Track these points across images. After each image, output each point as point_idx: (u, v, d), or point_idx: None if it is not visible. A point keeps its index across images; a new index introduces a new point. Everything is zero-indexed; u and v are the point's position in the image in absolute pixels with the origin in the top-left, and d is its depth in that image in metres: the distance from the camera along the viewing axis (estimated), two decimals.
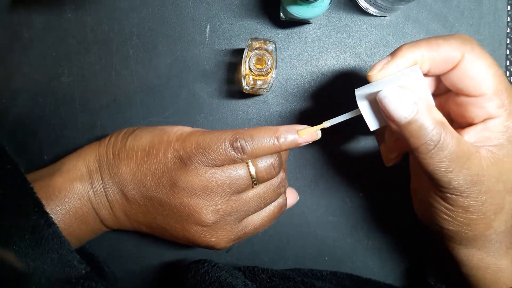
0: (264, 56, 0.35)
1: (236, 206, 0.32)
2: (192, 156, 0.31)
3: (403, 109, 0.26)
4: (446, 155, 0.26)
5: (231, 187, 0.31)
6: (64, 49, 0.40)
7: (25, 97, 0.41)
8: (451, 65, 0.27)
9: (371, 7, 0.39)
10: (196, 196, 0.31)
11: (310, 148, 0.42)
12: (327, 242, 0.43)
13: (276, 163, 0.32)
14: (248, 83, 0.36)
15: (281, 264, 0.43)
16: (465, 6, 0.41)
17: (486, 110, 0.27)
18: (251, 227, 0.34)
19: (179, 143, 0.32)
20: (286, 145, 0.31)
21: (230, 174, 0.31)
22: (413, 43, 0.28)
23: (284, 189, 0.34)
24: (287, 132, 0.31)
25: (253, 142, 0.31)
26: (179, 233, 0.33)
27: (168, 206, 0.32)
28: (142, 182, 0.32)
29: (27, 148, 0.41)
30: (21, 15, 0.40)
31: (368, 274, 0.43)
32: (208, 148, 0.31)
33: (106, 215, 0.34)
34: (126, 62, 0.41)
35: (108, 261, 0.41)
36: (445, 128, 0.26)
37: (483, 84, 0.27)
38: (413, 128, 0.26)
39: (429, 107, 0.26)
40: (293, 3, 0.34)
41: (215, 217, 0.31)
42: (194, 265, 0.36)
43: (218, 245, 0.33)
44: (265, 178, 0.32)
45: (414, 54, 0.27)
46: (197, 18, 0.40)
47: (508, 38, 0.41)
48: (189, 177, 0.31)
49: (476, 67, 0.27)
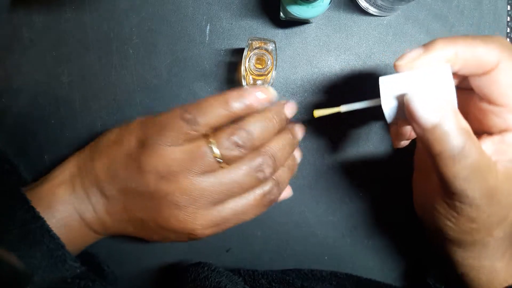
0: (264, 56, 0.36)
1: (206, 188, 0.30)
2: (151, 138, 0.30)
3: (430, 114, 0.25)
4: (468, 164, 0.25)
5: (194, 166, 0.30)
6: (64, 49, 0.40)
7: (25, 97, 0.41)
8: (484, 70, 0.26)
9: (371, 7, 0.39)
10: (162, 179, 0.30)
11: (311, 148, 0.42)
12: (327, 242, 0.43)
13: (242, 141, 0.30)
14: (248, 82, 0.36)
15: (281, 264, 0.43)
16: (465, 6, 0.41)
17: (506, 121, 0.26)
18: (229, 212, 0.32)
19: (140, 128, 0.32)
20: (238, 109, 0.30)
21: (191, 151, 0.30)
22: (449, 39, 0.26)
23: (264, 174, 0.31)
24: (240, 96, 0.30)
25: (203, 109, 0.29)
26: (157, 223, 0.32)
27: (141, 195, 0.31)
28: (114, 175, 0.32)
29: (27, 148, 0.41)
30: (21, 15, 0.40)
31: (368, 274, 0.43)
32: (162, 126, 0.30)
33: (90, 218, 0.33)
34: (126, 62, 0.41)
35: (108, 261, 0.41)
36: (470, 136, 0.25)
37: (510, 95, 0.26)
38: (437, 133, 0.25)
39: (455, 113, 0.25)
40: (293, 3, 0.34)
41: (184, 200, 0.30)
42: (194, 269, 0.36)
43: (195, 231, 0.31)
44: (231, 157, 0.30)
45: (449, 50, 0.26)
46: (197, 18, 0.40)
47: (508, 38, 0.41)
48: (152, 159, 0.30)
49: (508, 77, 0.26)
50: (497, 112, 0.27)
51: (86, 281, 0.30)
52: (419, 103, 0.25)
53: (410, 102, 0.26)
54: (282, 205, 0.42)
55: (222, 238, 0.43)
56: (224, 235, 0.43)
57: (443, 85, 0.26)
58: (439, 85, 0.26)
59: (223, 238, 0.43)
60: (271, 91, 0.31)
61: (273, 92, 0.31)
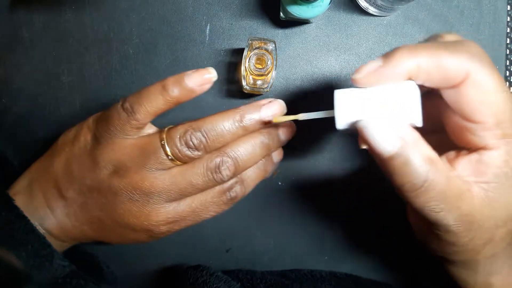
0: (264, 56, 0.36)
1: (159, 185, 0.29)
2: (101, 132, 0.30)
3: (386, 142, 0.22)
4: (434, 195, 0.23)
5: (146, 162, 0.29)
6: (64, 49, 0.40)
7: (25, 97, 0.41)
8: (452, 84, 0.23)
9: (371, 7, 0.39)
10: (115, 174, 0.30)
11: (311, 147, 0.42)
12: (327, 242, 0.43)
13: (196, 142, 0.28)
14: (248, 82, 0.36)
15: (281, 264, 0.43)
16: (465, 6, 0.41)
17: (483, 139, 0.23)
18: (186, 209, 0.31)
19: (94, 124, 0.31)
20: (177, 94, 0.29)
21: (143, 147, 0.29)
22: (411, 49, 0.23)
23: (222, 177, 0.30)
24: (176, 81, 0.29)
25: (141, 98, 0.29)
26: (113, 221, 0.31)
27: (96, 191, 0.31)
28: (71, 174, 0.31)
29: (27, 148, 0.41)
30: (21, 15, 0.40)
31: (368, 274, 0.43)
32: (108, 119, 0.29)
33: (50, 224, 0.32)
34: (126, 62, 0.41)
35: (108, 262, 0.41)
36: (434, 165, 0.23)
37: (484, 112, 0.23)
38: (396, 164, 0.23)
39: (416, 141, 0.23)
40: (293, 3, 0.34)
41: (137, 195, 0.29)
42: (193, 272, 0.36)
43: (150, 226, 0.30)
44: (183, 157, 0.29)
45: (410, 62, 0.23)
46: (197, 18, 0.40)
47: (508, 38, 0.41)
48: (104, 154, 0.30)
49: (480, 92, 0.23)
50: (472, 129, 0.24)
51: (78, 280, 0.29)
52: (372, 130, 0.23)
53: (362, 129, 0.23)
54: (282, 205, 0.43)
55: (222, 238, 0.43)
56: (224, 235, 0.43)
57: (405, 102, 0.23)
58: (400, 103, 0.23)
59: (223, 238, 0.43)
60: (210, 71, 0.29)
61: (214, 74, 0.29)
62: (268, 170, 0.34)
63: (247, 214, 0.42)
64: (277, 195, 0.42)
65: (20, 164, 0.41)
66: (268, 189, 0.42)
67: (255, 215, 0.42)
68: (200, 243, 0.43)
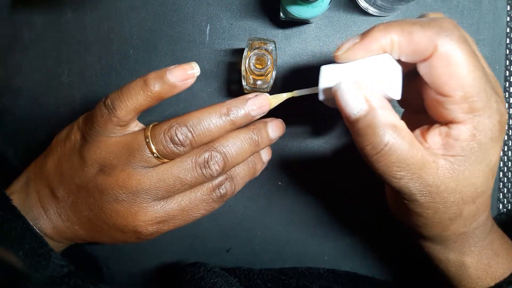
0: (264, 56, 0.36)
1: (145, 183, 0.29)
2: (88, 130, 0.30)
3: (353, 105, 0.24)
4: (394, 160, 0.23)
5: (132, 159, 0.29)
6: (64, 49, 0.40)
7: (25, 97, 0.41)
8: (422, 57, 0.24)
9: (371, 7, 0.39)
10: (101, 172, 0.29)
11: (311, 147, 0.42)
12: (327, 241, 0.43)
13: (181, 137, 0.28)
14: (248, 83, 0.36)
15: (281, 264, 0.43)
16: (465, 6, 0.41)
17: (451, 113, 0.24)
18: (175, 208, 0.30)
19: (83, 123, 0.31)
20: (158, 89, 0.28)
21: (128, 145, 0.29)
22: (386, 26, 0.25)
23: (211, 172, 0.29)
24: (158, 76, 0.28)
25: (122, 94, 0.28)
26: (101, 220, 0.30)
27: (85, 190, 0.30)
28: (62, 172, 0.31)
29: (27, 148, 0.41)
30: (21, 15, 0.40)
31: (368, 273, 0.43)
32: (93, 116, 0.29)
33: (44, 224, 0.31)
34: (126, 62, 0.41)
35: (108, 261, 0.41)
36: (397, 131, 0.23)
37: (452, 85, 0.23)
38: (360, 126, 0.24)
39: (382, 106, 0.24)
40: (293, 3, 0.34)
41: (123, 194, 0.29)
42: (191, 269, 0.36)
43: (138, 227, 0.30)
44: (168, 153, 0.29)
45: (385, 39, 0.24)
46: (197, 18, 0.40)
47: (508, 38, 0.41)
48: (90, 152, 0.29)
49: (447, 64, 0.23)
50: (442, 102, 0.24)
51: (76, 280, 0.29)
52: (342, 92, 0.24)
53: (335, 92, 0.25)
54: (283, 205, 0.43)
55: (222, 238, 0.43)
56: (224, 235, 0.43)
57: (384, 74, 0.25)
58: (380, 75, 0.25)
59: (223, 238, 0.43)
60: (193, 66, 0.29)
61: (196, 69, 0.29)
62: (257, 169, 0.34)
63: (247, 214, 0.42)
64: (277, 195, 0.42)
65: (20, 164, 0.41)
66: (268, 189, 0.42)
67: (255, 215, 0.42)
68: (200, 243, 0.43)
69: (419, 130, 0.26)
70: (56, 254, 0.30)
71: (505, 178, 0.43)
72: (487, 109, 0.24)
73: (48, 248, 0.29)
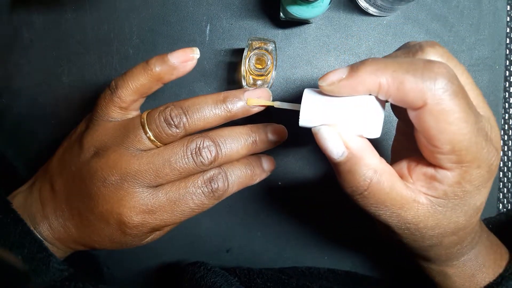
0: (264, 56, 0.36)
1: (135, 166, 0.28)
2: (91, 118, 0.31)
3: (334, 150, 0.24)
4: (374, 202, 0.24)
5: (125, 141, 0.29)
6: (64, 49, 0.40)
7: (25, 97, 0.41)
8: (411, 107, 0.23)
9: (371, 7, 0.39)
10: (95, 154, 0.29)
11: (311, 147, 0.42)
12: (327, 241, 0.43)
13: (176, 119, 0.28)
14: (248, 83, 0.37)
15: (281, 264, 0.43)
16: (465, 6, 0.41)
17: (440, 161, 0.23)
18: (163, 198, 0.29)
19: (89, 113, 0.32)
20: (159, 71, 0.29)
21: (125, 126, 0.30)
22: (376, 68, 0.23)
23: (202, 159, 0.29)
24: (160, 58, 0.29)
25: (125, 75, 0.30)
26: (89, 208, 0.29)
27: (78, 178, 0.30)
28: (63, 162, 0.32)
29: (27, 148, 0.41)
30: (21, 15, 0.40)
31: (368, 273, 0.43)
32: (98, 102, 0.31)
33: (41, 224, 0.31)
34: (126, 62, 0.41)
35: (108, 261, 0.41)
36: (377, 175, 0.24)
37: (441, 138, 0.22)
38: (342, 169, 0.25)
39: (362, 151, 0.24)
40: (293, 3, 0.34)
41: (111, 175, 0.28)
42: (191, 268, 0.36)
43: (123, 214, 0.28)
44: (163, 136, 0.28)
45: (372, 81, 0.23)
46: (197, 18, 0.40)
47: (508, 38, 0.41)
48: (89, 136, 0.30)
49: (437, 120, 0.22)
50: (430, 148, 0.23)
51: (76, 283, 0.29)
52: (325, 136, 0.24)
53: (316, 134, 0.25)
54: (283, 204, 0.43)
55: (222, 238, 0.43)
56: (224, 236, 0.43)
57: (366, 114, 0.25)
58: (361, 114, 0.25)
59: (223, 238, 0.43)
60: (193, 50, 0.30)
61: (196, 52, 0.30)
62: (256, 174, 0.33)
63: (247, 214, 0.42)
64: (277, 195, 0.42)
65: (20, 164, 0.41)
66: (268, 189, 0.42)
67: (255, 215, 0.42)
68: (200, 243, 0.43)
69: (406, 162, 0.26)
70: (56, 258, 0.29)
71: (505, 178, 0.43)
72: (476, 160, 0.23)
73: (48, 253, 0.29)
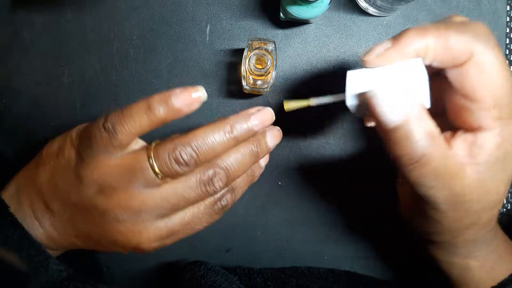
0: (264, 56, 0.36)
1: (147, 202, 0.28)
2: (84, 149, 0.29)
3: (392, 113, 0.23)
4: (429, 171, 0.23)
5: (134, 180, 0.28)
6: (64, 49, 0.40)
7: (25, 97, 0.41)
8: (457, 63, 0.24)
9: (370, 7, 0.39)
10: (101, 193, 0.29)
11: (311, 147, 0.42)
12: (327, 241, 0.43)
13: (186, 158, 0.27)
14: (248, 83, 0.37)
15: (281, 264, 0.43)
16: (465, 6, 0.41)
17: (480, 119, 0.24)
18: (177, 223, 0.30)
19: (77, 138, 0.30)
20: (163, 114, 0.27)
21: (130, 166, 0.28)
22: (420, 30, 0.24)
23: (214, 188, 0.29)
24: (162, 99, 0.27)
25: (124, 118, 0.27)
26: (102, 237, 0.30)
27: (83, 208, 0.30)
28: (56, 188, 0.30)
29: (27, 148, 0.41)
30: (21, 15, 0.40)
31: (368, 273, 0.43)
32: (90, 137, 0.28)
33: (38, 235, 0.31)
34: (126, 62, 0.41)
35: (108, 261, 0.41)
36: (434, 140, 0.23)
37: (484, 92, 0.23)
38: (398, 135, 0.23)
39: (420, 116, 0.24)
40: (293, 3, 0.34)
41: (125, 215, 0.28)
42: (191, 267, 0.36)
43: (141, 245, 0.30)
44: (172, 174, 0.28)
45: (419, 43, 0.24)
46: (197, 18, 0.40)
47: (508, 38, 0.41)
48: (89, 171, 0.28)
49: (482, 71, 0.23)
50: (470, 108, 0.24)
51: (75, 283, 0.29)
52: (380, 99, 0.23)
53: (372, 99, 0.24)
54: (283, 205, 0.43)
55: (222, 238, 0.43)
56: (224, 235, 0.43)
57: (414, 81, 0.24)
58: (409, 81, 0.24)
59: (223, 238, 0.43)
60: (200, 90, 0.28)
61: (203, 93, 0.28)
62: (256, 175, 0.33)
63: (247, 214, 0.42)
64: (277, 195, 0.42)
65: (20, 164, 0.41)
66: (268, 189, 0.42)
67: (255, 215, 0.42)
68: (200, 243, 0.43)
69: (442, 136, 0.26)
70: (54, 260, 0.29)
71: None
72: None
73: (46, 255, 0.29)
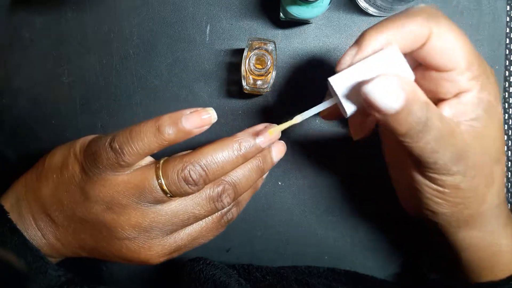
0: (264, 56, 0.36)
1: (157, 220, 0.29)
2: (90, 166, 0.28)
3: (392, 100, 0.23)
4: (432, 136, 0.25)
5: (143, 198, 0.28)
6: (64, 49, 0.40)
7: (25, 97, 0.41)
8: (420, 43, 0.26)
9: (370, 7, 0.39)
10: (109, 210, 0.29)
11: (310, 147, 0.42)
12: (327, 241, 0.43)
13: (195, 177, 0.27)
14: (248, 83, 0.37)
15: (281, 263, 0.43)
16: (465, 6, 0.41)
17: (458, 84, 0.26)
18: (186, 239, 0.31)
19: (82, 153, 0.29)
20: (172, 135, 0.27)
21: (138, 185, 0.28)
22: (377, 28, 0.26)
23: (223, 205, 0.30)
24: (173, 122, 0.27)
25: (131, 138, 0.27)
26: (109, 251, 0.30)
27: (89, 224, 0.30)
28: (61, 202, 0.30)
29: (27, 148, 0.41)
30: (21, 15, 0.40)
31: (368, 273, 0.43)
32: (96, 155, 0.28)
33: (40, 245, 0.31)
34: (126, 62, 0.41)
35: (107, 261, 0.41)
36: (429, 107, 0.25)
37: (453, 58, 0.25)
38: (402, 116, 0.24)
39: (414, 90, 0.24)
40: (293, 3, 0.34)
41: (133, 232, 0.29)
42: (190, 263, 0.36)
43: (150, 260, 0.30)
44: (181, 193, 0.28)
45: (381, 39, 0.25)
46: (197, 18, 0.40)
47: (508, 38, 0.41)
48: (95, 189, 0.28)
49: (445, 41, 0.25)
50: (448, 77, 0.26)
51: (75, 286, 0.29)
52: (377, 92, 0.24)
53: (368, 93, 0.24)
54: (283, 205, 0.43)
55: (222, 238, 0.43)
56: (224, 235, 0.43)
57: (391, 61, 0.26)
58: (387, 63, 0.26)
59: (223, 238, 0.43)
60: (209, 112, 0.28)
61: (213, 114, 0.28)
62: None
63: (247, 214, 0.42)
64: (277, 195, 0.42)
65: (20, 164, 0.41)
66: (268, 189, 0.42)
67: (255, 215, 0.42)
68: None
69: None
70: (53, 265, 0.29)
71: (504, 178, 0.43)
72: (485, 73, 0.26)
73: (45, 261, 0.29)
